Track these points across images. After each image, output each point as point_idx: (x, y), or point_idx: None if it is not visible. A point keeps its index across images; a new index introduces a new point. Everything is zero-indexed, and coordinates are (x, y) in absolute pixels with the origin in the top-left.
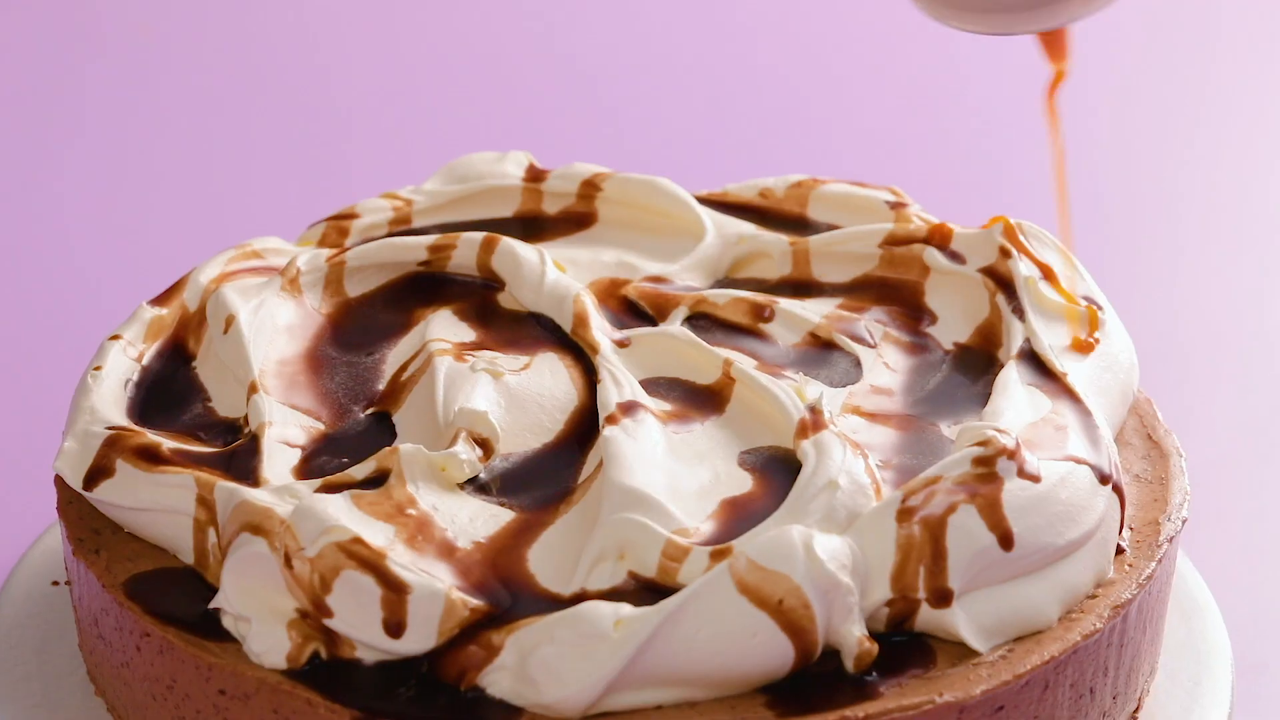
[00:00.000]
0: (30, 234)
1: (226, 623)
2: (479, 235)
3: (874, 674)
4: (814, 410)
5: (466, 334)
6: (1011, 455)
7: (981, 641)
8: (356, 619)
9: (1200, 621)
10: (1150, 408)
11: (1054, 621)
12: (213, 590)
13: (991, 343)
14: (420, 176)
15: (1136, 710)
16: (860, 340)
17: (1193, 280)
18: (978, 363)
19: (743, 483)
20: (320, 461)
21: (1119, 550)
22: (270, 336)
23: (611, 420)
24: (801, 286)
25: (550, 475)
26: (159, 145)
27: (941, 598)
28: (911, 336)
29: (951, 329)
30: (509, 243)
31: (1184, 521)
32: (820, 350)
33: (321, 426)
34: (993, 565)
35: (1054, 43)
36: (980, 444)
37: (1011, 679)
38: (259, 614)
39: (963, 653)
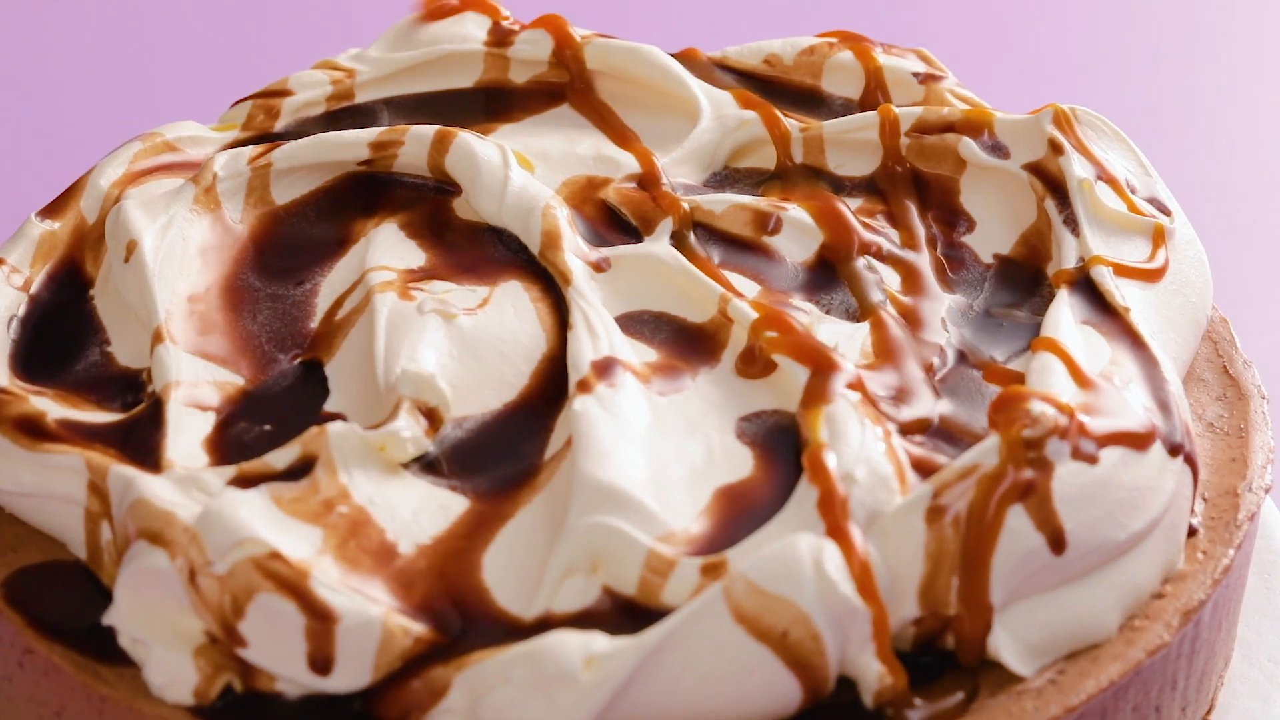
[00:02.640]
0: None
1: (124, 642)
2: (430, 130)
3: (897, 709)
4: (823, 363)
5: (415, 256)
6: (1064, 434)
7: (1027, 663)
8: (275, 651)
9: None
10: (1227, 331)
11: (1113, 632)
12: (110, 594)
13: (1038, 255)
14: (364, 39)
15: (1208, 714)
16: (884, 255)
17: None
18: (1022, 280)
19: (741, 463)
20: (238, 430)
21: (1190, 531)
22: (180, 265)
23: (584, 386)
24: (813, 179)
25: (512, 448)
26: (47, 8)
27: (979, 614)
28: (946, 248)
29: (992, 237)
30: (466, 140)
31: (1267, 490)
32: (836, 265)
33: (240, 382)
34: (1041, 570)
35: None
36: (1026, 422)
37: (1062, 713)
38: (160, 638)
39: (1005, 677)
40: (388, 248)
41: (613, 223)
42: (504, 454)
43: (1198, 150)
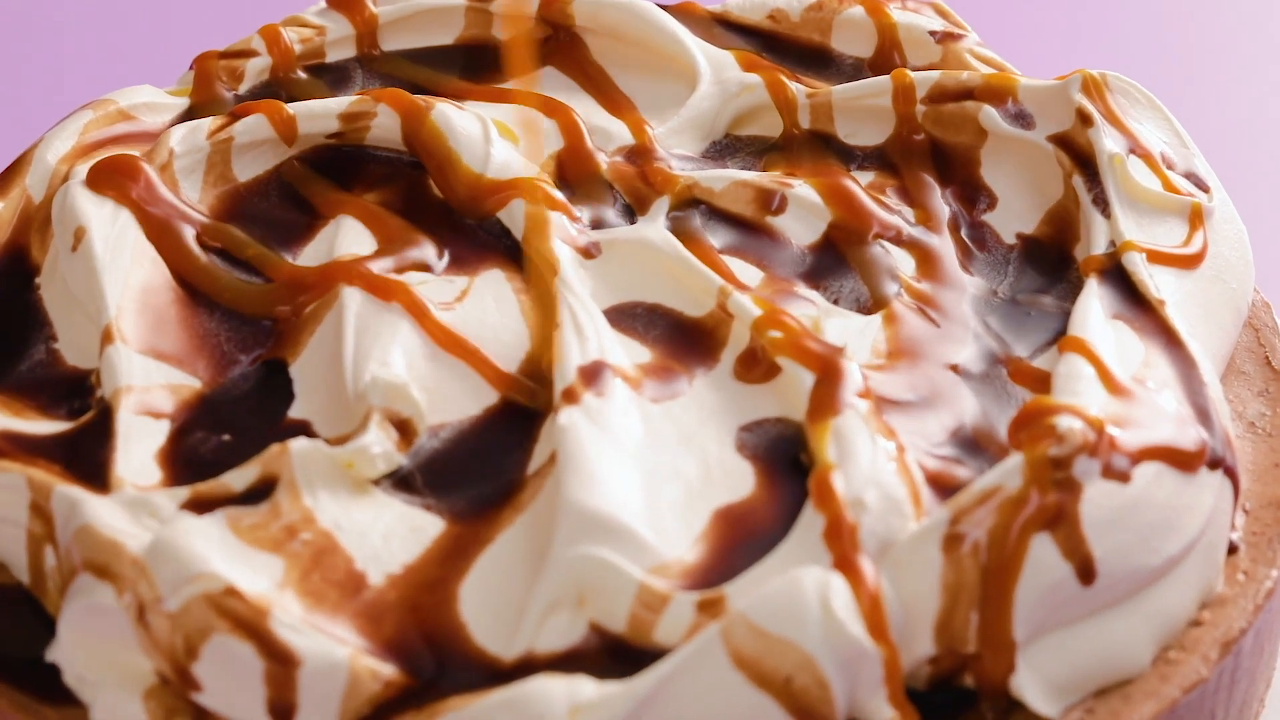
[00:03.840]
0: None
1: (70, 680)
2: (404, 98)
3: None
4: (830, 368)
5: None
6: (1093, 451)
7: (1053, 703)
8: (232, 696)
9: None
10: (1269, 316)
11: (1146, 665)
12: (54, 622)
13: (1065, 235)
14: None
15: None
16: (902, 240)
17: None
18: (1048, 262)
19: (741, 479)
20: (194, 440)
21: (1230, 548)
22: (133, 253)
23: (570, 396)
24: (820, 150)
25: (492, 461)
26: None
27: (1001, 651)
28: (966, 227)
29: (1014, 214)
30: (443, 111)
31: None
32: (845, 249)
33: (196, 385)
34: (1068, 602)
35: None
36: (1052, 439)
37: None
38: (108, 678)
39: (1029, 718)
40: (358, 233)
41: (604, 200)
42: (483, 468)
43: (1239, 119)
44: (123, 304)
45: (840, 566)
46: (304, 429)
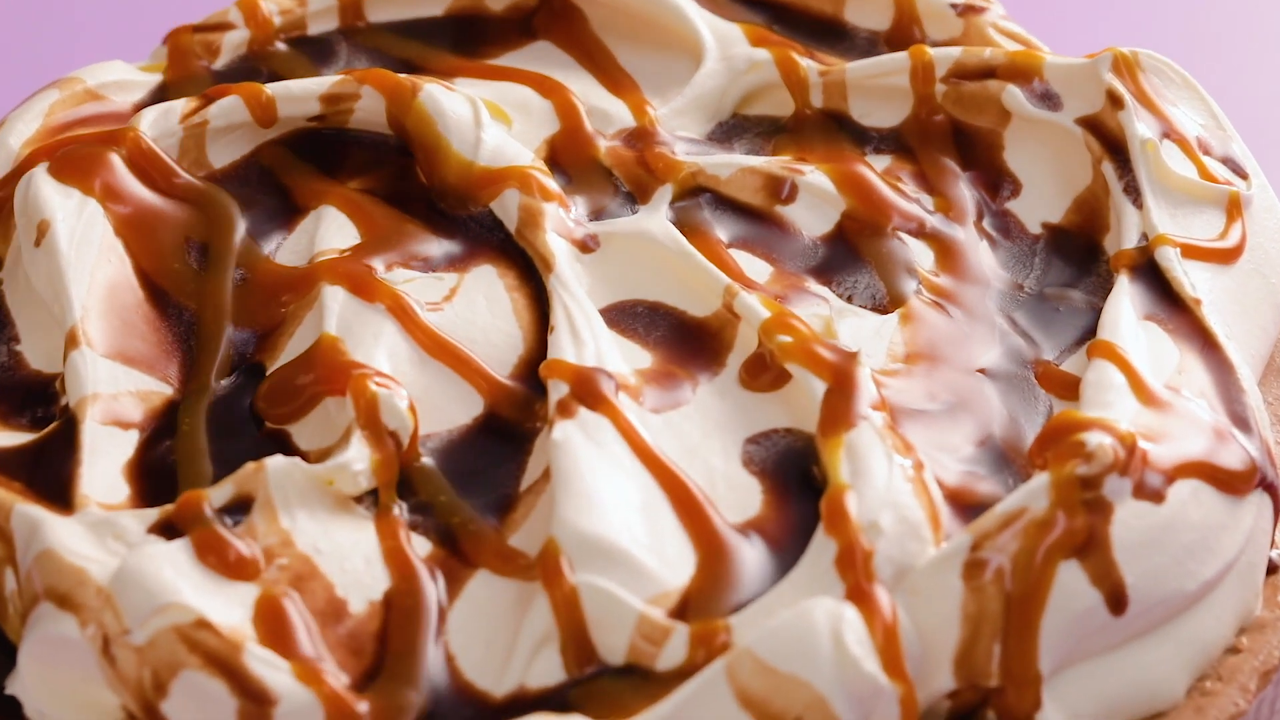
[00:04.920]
0: None
1: (30, 715)
2: (389, 79)
3: None
4: (843, 377)
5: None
6: (1125, 469)
7: None
8: None
9: None
10: None
11: (1181, 697)
12: (15, 651)
13: (1094, 224)
14: None
15: None
16: (920, 229)
17: None
18: (1076, 253)
19: (747, 497)
20: (164, 452)
21: (1270, 568)
22: (101, 247)
23: (565, 409)
24: (833, 131)
25: (482, 476)
26: None
27: (1026, 685)
28: (989, 215)
29: (1040, 202)
30: (431, 93)
31: None
32: (860, 241)
33: (168, 391)
34: (1097, 631)
35: None
36: (1081, 457)
37: None
38: (71, 714)
39: None
40: (340, 225)
41: (604, 187)
42: (474, 483)
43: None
44: (89, 303)
45: (853, 597)
46: (283, 440)
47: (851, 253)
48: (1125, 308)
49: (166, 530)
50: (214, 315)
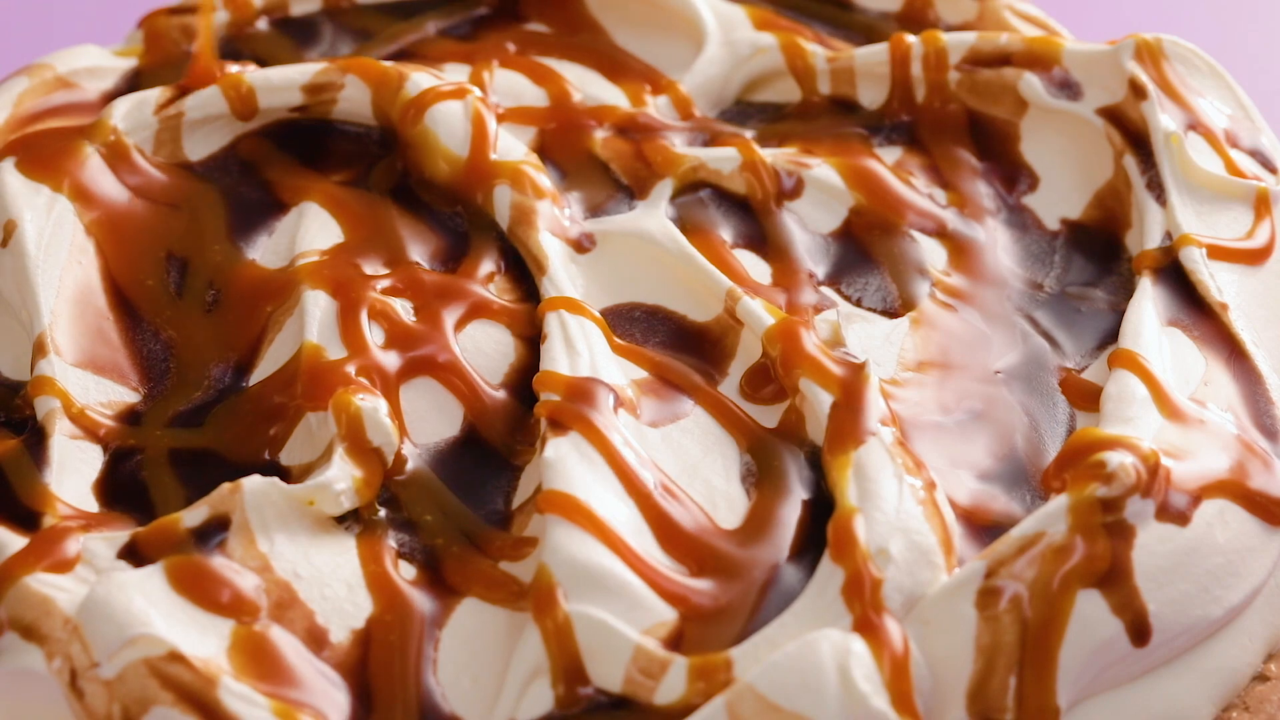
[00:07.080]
0: None
1: None
2: (374, 68)
3: None
4: (851, 390)
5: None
6: (1147, 490)
7: None
8: None
9: None
10: None
11: None
12: None
13: (1115, 220)
14: None
15: None
16: (940, 229)
17: None
18: (1097, 251)
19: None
20: (132, 466)
21: None
22: (71, 248)
23: (558, 425)
24: (841, 119)
25: (471, 494)
26: None
27: (1042, 718)
28: (1005, 210)
29: (1058, 196)
30: (419, 82)
31: None
32: (869, 240)
33: (137, 400)
34: (1118, 662)
35: None
36: (1101, 478)
37: None
38: None
39: None
40: (323, 222)
41: (599, 183)
42: (462, 502)
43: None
44: (58, 308)
45: (861, 628)
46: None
47: (861, 252)
48: (1148, 313)
49: (136, 556)
50: (194, 356)
